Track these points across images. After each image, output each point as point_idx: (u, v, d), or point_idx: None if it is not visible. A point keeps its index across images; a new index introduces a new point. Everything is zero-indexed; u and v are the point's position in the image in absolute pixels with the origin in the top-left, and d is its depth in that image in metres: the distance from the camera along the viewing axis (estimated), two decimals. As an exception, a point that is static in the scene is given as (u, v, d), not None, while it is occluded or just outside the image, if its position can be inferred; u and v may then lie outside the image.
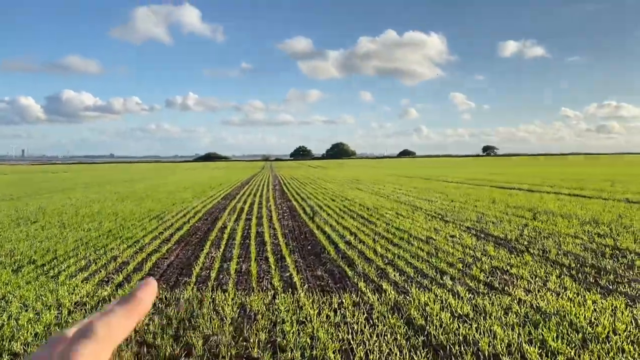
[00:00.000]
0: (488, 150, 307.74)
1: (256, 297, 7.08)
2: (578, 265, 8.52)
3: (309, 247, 11.05)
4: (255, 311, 6.52)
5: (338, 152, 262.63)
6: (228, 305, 6.73)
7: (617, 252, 9.50)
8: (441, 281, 7.78)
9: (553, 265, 8.56)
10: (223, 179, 48.75)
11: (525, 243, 10.71)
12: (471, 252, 9.88)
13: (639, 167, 63.13)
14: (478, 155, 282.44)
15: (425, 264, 8.97)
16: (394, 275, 8.20)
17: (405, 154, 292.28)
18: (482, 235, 11.86)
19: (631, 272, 7.89)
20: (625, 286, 7.09)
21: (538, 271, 8.14)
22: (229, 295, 7.31)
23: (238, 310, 6.62)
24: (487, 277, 7.89)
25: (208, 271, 9.00)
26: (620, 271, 7.98)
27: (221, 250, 10.86)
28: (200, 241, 12.12)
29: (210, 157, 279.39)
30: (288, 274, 8.56)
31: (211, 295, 7.30)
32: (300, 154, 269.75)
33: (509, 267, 8.50)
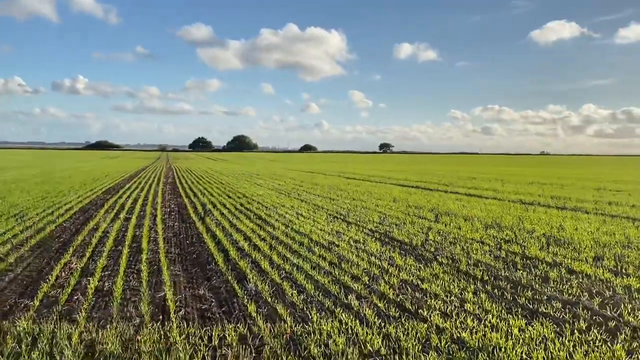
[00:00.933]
0: (385, 147, 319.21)
1: (112, 332, 5.42)
2: (492, 278, 7.80)
3: (194, 256, 9.45)
4: (107, 354, 4.89)
5: (239, 144, 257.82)
6: (69, 347, 5.02)
7: (528, 261, 8.98)
8: (346, 301, 6.61)
9: (466, 279, 7.76)
10: (110, 169, 44.77)
11: (433, 250, 9.94)
12: (377, 261, 8.87)
13: (520, 167, 67.94)
14: (375, 152, 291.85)
15: (328, 277, 7.78)
16: (292, 294, 6.91)
17: (307, 148, 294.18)
18: (387, 240, 10.97)
19: (547, 287, 7.27)
20: (546, 306, 6.38)
21: (451, 286, 7.26)
22: (76, 328, 5.58)
23: (83, 353, 4.94)
24: (397, 296, 6.86)
25: (60, 290, 7.11)
26: (537, 286, 7.33)
27: (85, 259, 8.92)
28: (62, 247, 10.03)
29: (101, 145, 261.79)
30: (162, 294, 6.94)
31: (52, 329, 5.52)
32: (200, 145, 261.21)
33: (419, 282, 7.56)
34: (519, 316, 5.96)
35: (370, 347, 5.03)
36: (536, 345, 5.01)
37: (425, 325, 5.61)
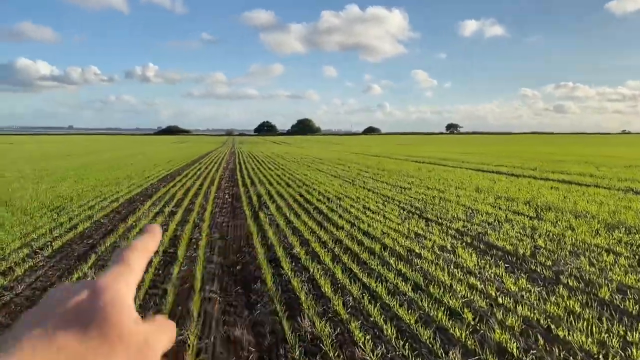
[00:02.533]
0: (452, 128, 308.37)
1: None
2: (660, 319, 5.29)
3: (238, 268, 7.52)
4: None
5: (303, 128, 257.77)
6: None
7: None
8: None
9: (619, 318, 5.30)
10: (174, 154, 44.40)
11: (549, 263, 7.47)
12: (478, 283, 6.55)
13: (604, 147, 61.84)
14: (442, 133, 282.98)
15: (413, 312, 5.58)
16: (364, 343, 4.78)
17: (370, 130, 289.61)
18: (482, 247, 8.57)
19: None
20: None
21: (603, 334, 4.85)
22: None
23: None
24: (526, 353, 4.55)
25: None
26: None
27: (105, 273, 7.21)
28: (85, 253, 8.42)
29: (171, 131, 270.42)
30: (182, 337, 5.01)
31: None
32: (265, 129, 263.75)
33: (550, 323, 5.19)
34: None
35: None
36: None
37: None
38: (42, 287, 6.63)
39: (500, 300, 5.90)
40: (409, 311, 5.58)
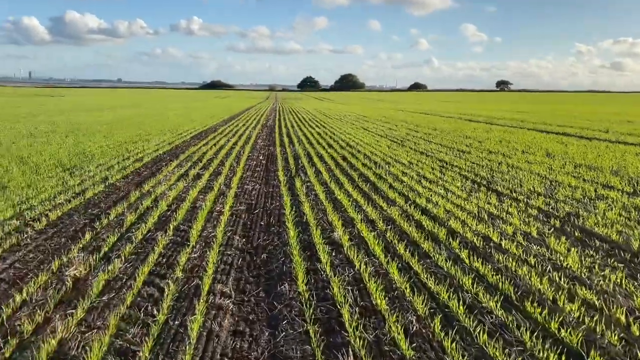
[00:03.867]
0: (502, 85, 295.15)
1: None
2: None
3: (264, 257, 5.85)
4: None
5: (346, 84, 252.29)
6: None
7: None
8: None
9: None
10: (213, 109, 43.08)
11: (683, 266, 5.45)
12: (596, 299, 4.65)
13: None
14: (492, 90, 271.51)
15: (511, 355, 3.77)
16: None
17: (416, 87, 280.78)
18: (579, 235, 6.58)
19: None
20: None
21: None
22: None
23: None
24: None
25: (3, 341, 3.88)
26: None
27: (91, 260, 5.71)
28: (82, 229, 6.95)
29: (215, 85, 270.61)
30: (167, 385, 3.39)
31: None
32: (308, 84, 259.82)
33: None
34: None
35: None
36: None
37: None
38: (10, 280, 5.16)
39: (637, 331, 4.00)
40: (504, 349, 3.76)
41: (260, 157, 14.11)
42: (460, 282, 5.00)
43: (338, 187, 9.63)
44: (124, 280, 5.11)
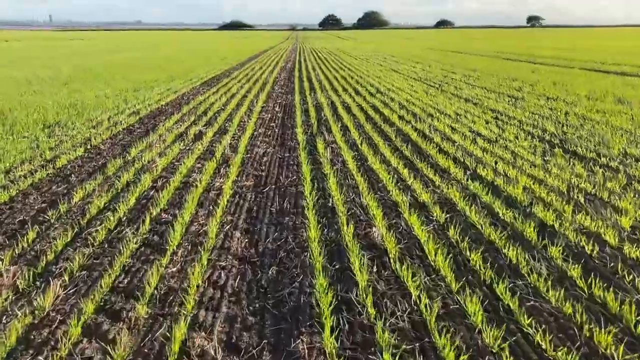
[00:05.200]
0: (533, 20, 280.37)
1: None
2: None
3: (272, 273, 3.96)
4: None
5: (370, 21, 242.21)
6: None
7: None
8: None
9: None
10: (230, 51, 40.48)
11: None
12: None
13: None
14: (522, 27, 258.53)
15: None
16: None
17: (442, 24, 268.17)
18: None
19: None
20: None
21: None
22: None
23: None
24: None
25: None
26: None
27: (36, 269, 3.93)
28: (37, 215, 5.15)
29: (234, 26, 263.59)
30: None
31: None
32: (330, 23, 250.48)
33: None
34: None
35: None
36: None
37: None
38: None
39: None
40: None
41: (277, 109, 12.04)
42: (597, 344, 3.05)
43: (372, 151, 7.59)
44: (48, 336, 3.30)
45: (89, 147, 8.18)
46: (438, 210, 5.10)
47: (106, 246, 4.47)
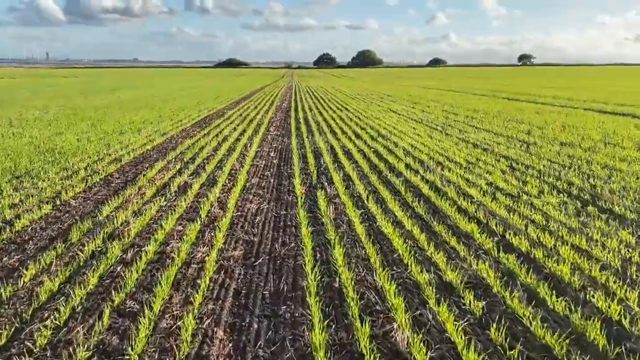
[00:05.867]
0: (524, 59, 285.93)
1: None
2: None
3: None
4: None
5: (364, 60, 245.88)
6: None
7: None
8: None
9: None
10: (225, 89, 40.01)
11: None
12: None
13: None
14: (514, 65, 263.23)
15: None
16: None
17: (435, 62, 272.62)
18: None
19: None
20: None
21: None
22: None
23: None
24: None
25: None
26: None
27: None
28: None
29: (230, 64, 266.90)
30: None
31: None
32: (325, 61, 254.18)
33: None
34: None
35: None
36: None
37: None
38: None
39: None
40: None
41: (272, 154, 11.14)
42: None
43: (380, 209, 6.63)
44: None
45: (58, 203, 7.18)
46: (470, 296, 4.11)
47: (48, 355, 3.43)
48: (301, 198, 7.30)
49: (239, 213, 6.70)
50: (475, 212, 6.42)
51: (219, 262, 5.00)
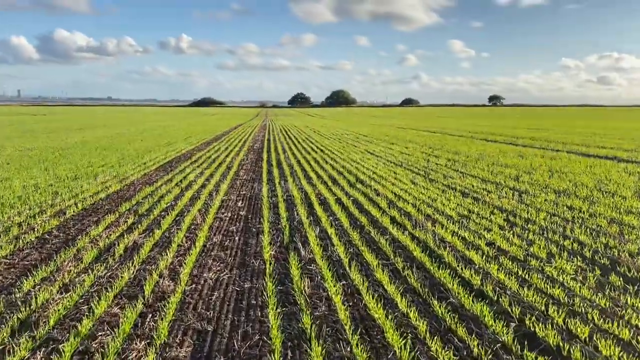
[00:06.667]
0: (494, 100, 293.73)
1: None
2: None
3: None
4: None
5: (337, 99, 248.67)
6: None
7: None
8: None
9: None
10: (198, 129, 38.83)
11: None
12: None
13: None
14: (484, 105, 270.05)
15: None
16: None
17: (408, 102, 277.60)
18: None
19: None
20: None
21: None
22: None
23: None
24: None
25: None
26: None
27: None
28: None
29: (205, 102, 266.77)
30: None
31: None
32: (299, 101, 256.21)
33: None
34: None
35: None
36: None
37: None
38: None
39: None
40: None
41: (240, 204, 9.94)
42: None
43: (367, 282, 5.47)
44: None
45: (-33, 274, 5.82)
46: None
47: None
48: (270, 264, 6.10)
49: (193, 286, 5.45)
50: (481, 285, 5.31)
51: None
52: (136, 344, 4.12)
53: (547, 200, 9.75)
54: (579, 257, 6.20)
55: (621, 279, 5.44)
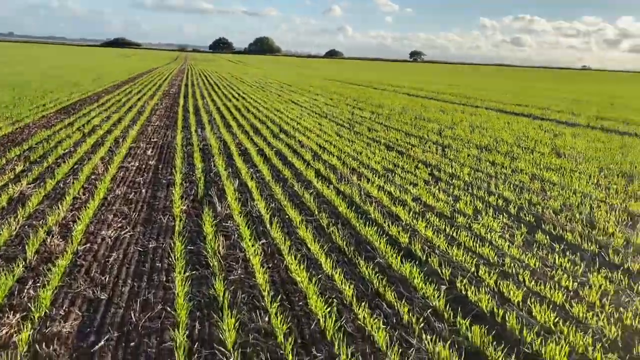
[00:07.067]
0: (415, 55, 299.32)
1: None
2: None
3: None
4: None
5: (262, 47, 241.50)
6: None
7: None
8: None
9: None
10: (109, 69, 35.85)
11: None
12: None
13: (583, 84, 56.45)
14: (406, 61, 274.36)
15: None
16: None
17: (332, 54, 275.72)
18: None
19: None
20: None
21: None
22: None
23: None
24: None
25: None
26: None
27: None
28: None
29: (119, 43, 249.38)
30: None
31: None
32: (221, 46, 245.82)
33: None
34: None
35: None
36: None
37: None
38: None
39: None
40: None
41: (149, 152, 9.04)
42: None
43: (289, 238, 4.98)
44: None
45: None
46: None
47: None
48: (180, 220, 5.44)
49: (88, 246, 4.70)
50: (409, 243, 5.00)
51: (35, 345, 3.07)
52: (8, 317, 3.39)
53: (470, 156, 9.71)
54: (504, 214, 6.08)
55: (547, 237, 5.35)
